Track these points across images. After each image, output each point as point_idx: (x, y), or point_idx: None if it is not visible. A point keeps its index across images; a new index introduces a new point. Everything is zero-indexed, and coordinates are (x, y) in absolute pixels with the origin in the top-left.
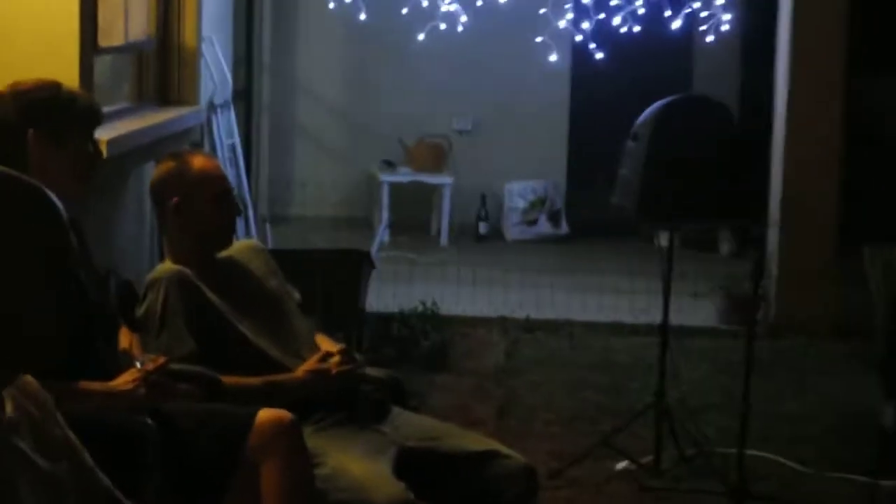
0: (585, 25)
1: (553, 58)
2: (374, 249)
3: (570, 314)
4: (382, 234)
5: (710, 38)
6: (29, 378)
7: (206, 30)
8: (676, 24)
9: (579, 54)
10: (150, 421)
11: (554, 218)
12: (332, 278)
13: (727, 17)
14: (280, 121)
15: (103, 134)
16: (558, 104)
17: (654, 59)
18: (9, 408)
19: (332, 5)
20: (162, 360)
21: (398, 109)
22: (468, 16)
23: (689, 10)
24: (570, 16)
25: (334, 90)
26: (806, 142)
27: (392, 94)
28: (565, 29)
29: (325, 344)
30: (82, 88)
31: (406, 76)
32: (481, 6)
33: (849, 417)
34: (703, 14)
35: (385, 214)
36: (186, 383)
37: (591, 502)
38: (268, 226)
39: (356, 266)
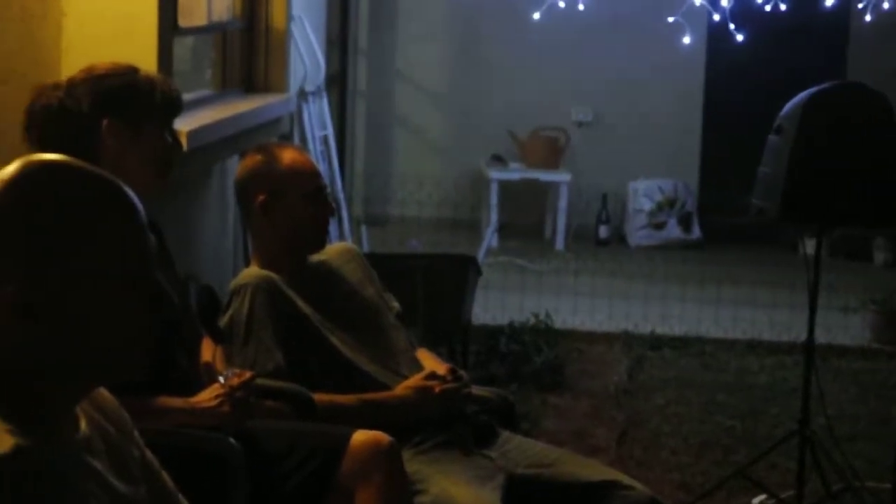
0: (724, 2)
1: (686, 40)
2: (481, 254)
3: (701, 329)
4: (491, 237)
5: (868, 18)
6: (104, 393)
7: (297, 8)
8: (830, 1)
9: (716, 36)
10: (234, 441)
11: (684, 221)
12: (434, 286)
13: None
14: (377, 110)
15: (183, 124)
16: (691, 93)
17: (802, 41)
18: (83, 425)
19: None
20: (247, 374)
21: (509, 98)
22: None
23: None
24: None
25: (438, 76)
26: None
27: (503, 81)
28: (701, 7)
29: (428, 361)
30: (161, 74)
31: (519, 61)
32: None
33: None
34: None
35: (494, 216)
36: (274, 401)
37: None
38: (363, 227)
39: (461, 273)
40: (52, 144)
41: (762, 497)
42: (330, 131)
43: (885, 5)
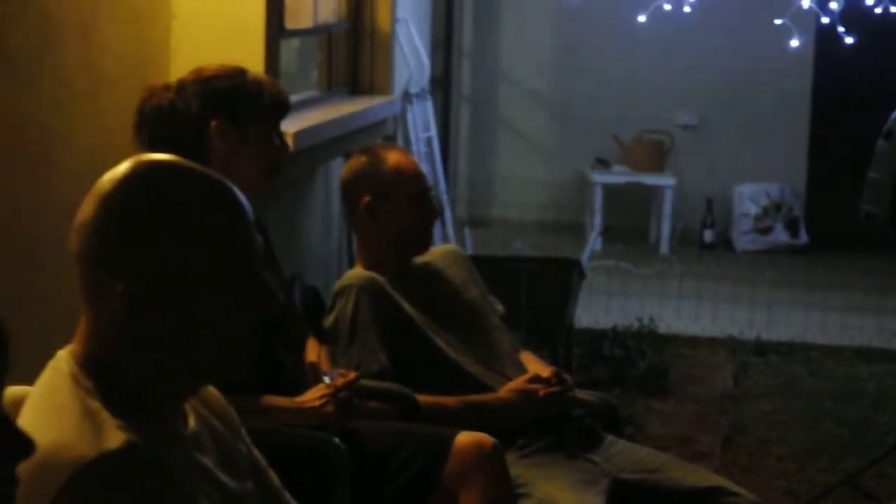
0: (833, 5)
1: (794, 43)
2: (584, 257)
3: (808, 336)
4: (594, 240)
5: None
6: (212, 391)
7: (402, 11)
8: None
9: (825, 39)
10: (338, 441)
11: (791, 226)
12: (537, 289)
13: None
14: (481, 112)
15: (290, 125)
16: (799, 96)
17: None
18: (191, 421)
19: None
20: (352, 375)
21: (614, 101)
22: None
23: None
24: None
25: (542, 79)
26: None
27: (607, 83)
28: (809, 9)
29: (532, 364)
30: (268, 75)
31: (624, 64)
32: None
33: None
34: None
35: (598, 219)
36: (378, 401)
37: None
38: (466, 229)
39: (565, 276)
40: (161, 144)
41: None
42: (434, 133)
43: None
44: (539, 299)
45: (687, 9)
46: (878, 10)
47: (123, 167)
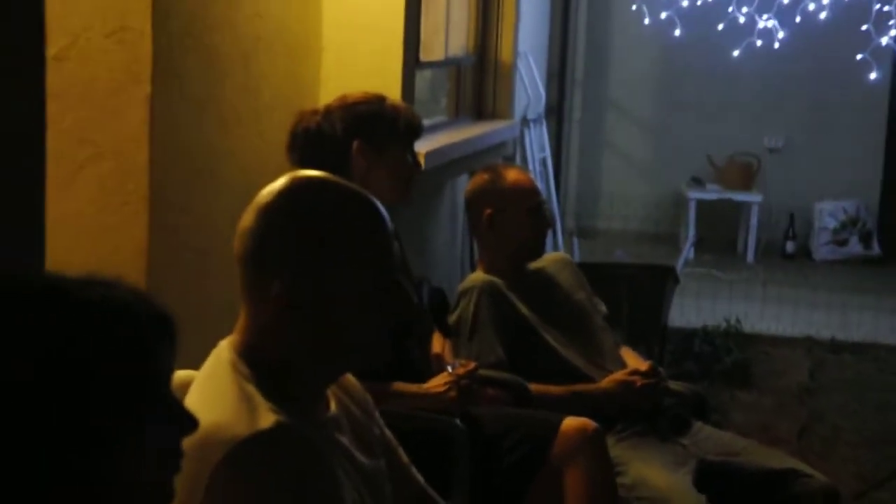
0: None
1: (873, 76)
2: (679, 265)
3: (878, 337)
4: (688, 250)
5: None
6: (351, 378)
7: (522, 45)
8: None
9: None
10: (459, 423)
11: (865, 238)
12: (636, 292)
13: None
14: (589, 136)
15: (422, 146)
16: (875, 123)
17: None
18: (332, 405)
19: (647, 21)
20: (472, 365)
21: (708, 127)
22: (785, 32)
23: None
24: (893, 32)
25: (644, 106)
26: None
27: (703, 110)
28: (888, 46)
29: (631, 359)
30: (404, 102)
31: (718, 93)
32: (800, 22)
33: None
34: None
35: (691, 231)
36: (494, 389)
37: None
38: (575, 239)
39: (661, 281)
40: (310, 162)
41: None
42: (548, 154)
43: None
44: (638, 301)
45: (776, 45)
46: None
47: (280, 182)
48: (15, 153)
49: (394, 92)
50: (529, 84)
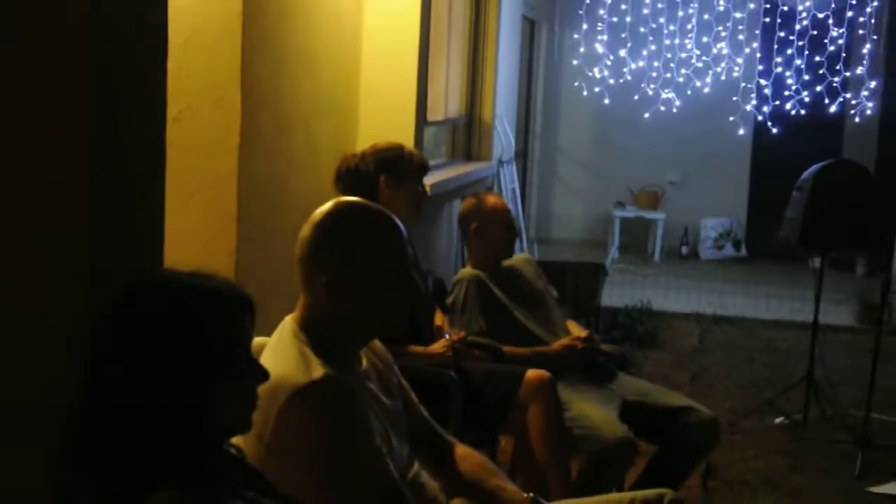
0: (765, 109)
1: (741, 132)
2: (607, 263)
3: (746, 313)
4: (614, 252)
5: (857, 120)
6: (377, 342)
7: (499, 109)
8: (832, 109)
9: (759, 129)
10: (453, 374)
11: (736, 245)
12: (578, 282)
13: (870, 104)
14: (545, 173)
15: (428, 180)
16: (743, 164)
17: (814, 133)
18: (364, 362)
19: (585, 93)
20: (462, 333)
21: (628, 166)
22: (680, 101)
23: (842, 99)
24: (754, 102)
25: (583, 152)
26: None
27: (624, 155)
28: (750, 111)
29: (574, 328)
30: (416, 149)
31: (634, 143)
32: (690, 94)
33: None
34: (853, 102)
35: (616, 239)
36: (478, 350)
37: (756, 445)
38: (535, 244)
39: (595, 274)
40: (350, 191)
41: (782, 418)
42: (517, 185)
43: (868, 112)
44: (579, 288)
45: (674, 110)
46: (793, 112)
47: (328, 205)
48: (142, 185)
49: (409, 141)
50: (503, 136)
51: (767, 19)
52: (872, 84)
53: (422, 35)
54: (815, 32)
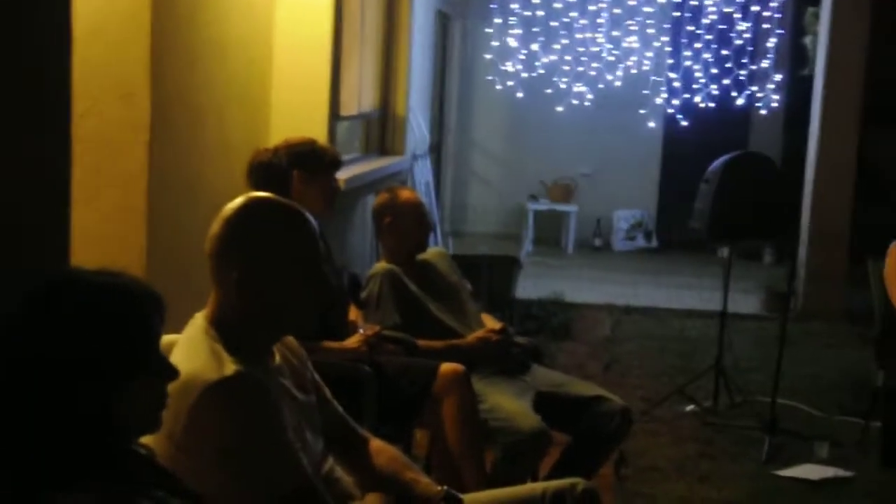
0: (675, 102)
1: (651, 125)
2: (521, 255)
3: (657, 303)
4: (527, 245)
5: (763, 112)
6: (290, 338)
7: (412, 103)
8: (739, 102)
9: (669, 122)
10: (368, 368)
11: (647, 236)
12: (493, 274)
13: (776, 97)
14: (459, 166)
15: (342, 175)
16: (653, 157)
17: (722, 126)
18: (277, 358)
19: (498, 87)
20: (377, 328)
21: (541, 159)
22: (593, 94)
23: (749, 92)
24: (664, 95)
25: (497, 146)
26: (828, 184)
27: (537, 148)
28: (660, 104)
29: (489, 321)
30: (329, 143)
31: (547, 137)
32: (602, 88)
33: (851, 378)
34: (759, 95)
35: (530, 232)
36: (393, 344)
37: (668, 433)
38: (450, 238)
39: (509, 267)
40: (263, 186)
41: (692, 406)
42: (430, 179)
43: (773, 105)
44: (493, 281)
45: (587, 104)
46: (702, 105)
47: (239, 200)
48: (48, 181)
49: (322, 136)
50: (417, 130)
51: (676, 14)
52: (778, 77)
53: (335, 28)
54: (722, 27)
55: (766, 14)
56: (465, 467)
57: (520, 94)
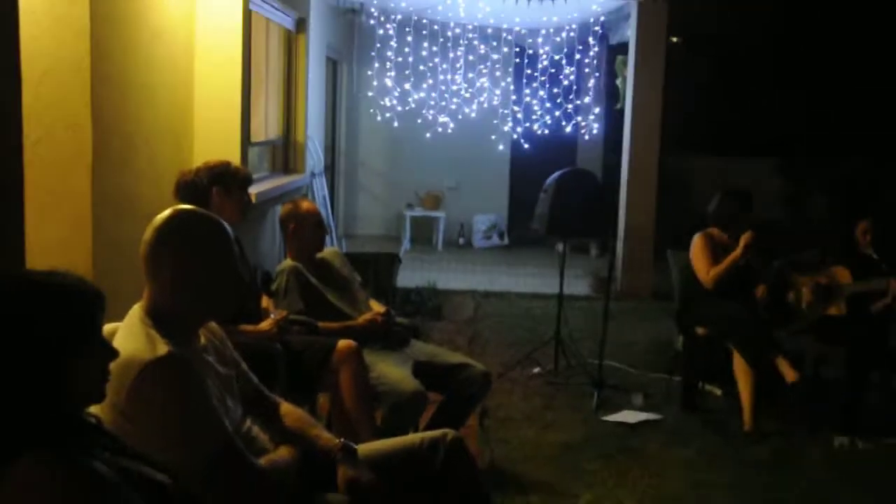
0: (519, 129)
1: (501, 147)
2: (401, 252)
3: (509, 288)
4: (406, 244)
5: (586, 137)
6: (213, 323)
7: (310, 131)
8: (568, 130)
9: (515, 145)
10: (278, 346)
11: (500, 236)
12: (379, 268)
13: (596, 126)
14: (349, 182)
15: (254, 189)
16: (503, 173)
17: (555, 148)
18: (202, 339)
19: (378, 118)
20: (285, 313)
21: (416, 175)
22: (454, 124)
23: (575, 122)
24: (510, 124)
25: (380, 164)
26: (637, 194)
27: (412, 167)
28: (507, 132)
29: (375, 306)
30: (242, 164)
31: (420, 157)
32: (461, 119)
33: (658, 343)
34: (583, 124)
35: (407, 233)
36: (298, 326)
37: (519, 390)
38: (343, 239)
39: (391, 262)
40: (187, 200)
41: (538, 369)
42: (326, 192)
43: (594, 131)
44: (379, 273)
45: (449, 131)
46: (539, 132)
47: (168, 212)
48: (4, 199)
49: (236, 159)
50: (314, 153)
51: (517, 60)
52: (597, 110)
53: (244, 73)
54: (553, 70)
55: (586, 61)
56: (358, 423)
57: (396, 124)
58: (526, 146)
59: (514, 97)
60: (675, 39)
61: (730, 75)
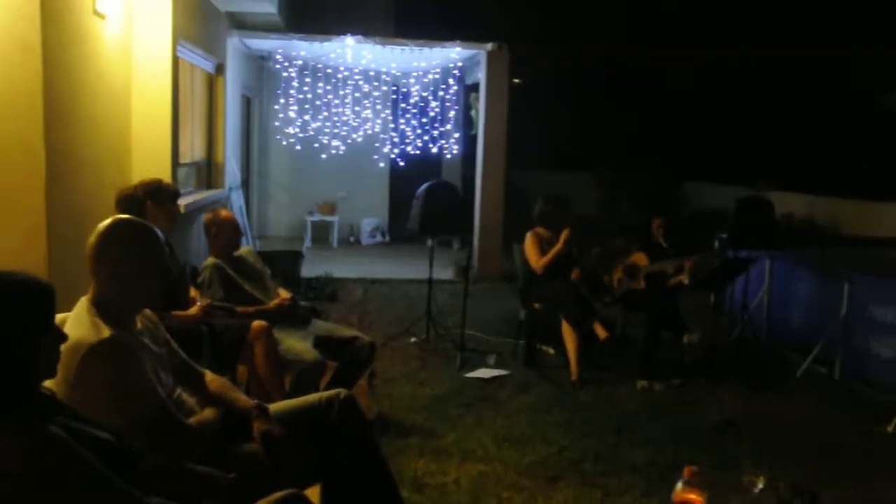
0: (396, 151)
1: (381, 165)
2: (304, 249)
3: (390, 276)
4: (307, 243)
5: (449, 157)
6: (148, 311)
7: (228, 153)
8: (434, 150)
9: (393, 163)
10: (204, 328)
11: (383, 234)
12: (285, 262)
13: (456, 147)
14: (262, 194)
15: (183, 201)
16: (384, 184)
17: (424, 165)
18: (139, 324)
19: (283, 143)
20: (209, 301)
21: (314, 188)
22: (344, 147)
23: (440, 144)
24: (389, 146)
25: (286, 180)
26: (489, 200)
27: (312, 181)
28: (387, 152)
29: (283, 293)
30: (172, 181)
31: (318, 173)
32: (350, 143)
33: (508, 316)
34: (446, 146)
35: (308, 234)
36: (220, 311)
37: (400, 356)
38: (257, 240)
39: (296, 257)
40: (126, 212)
41: (414, 338)
42: (242, 203)
43: (455, 152)
44: (286, 266)
45: (341, 152)
46: (412, 152)
47: (108, 220)
48: None
49: (167, 177)
50: (232, 171)
51: (394, 96)
52: (457, 135)
53: (173, 107)
54: (422, 104)
55: (447, 97)
56: (271, 387)
57: (298, 147)
58: (401, 163)
59: (391, 125)
60: (516, 81)
61: (560, 108)
